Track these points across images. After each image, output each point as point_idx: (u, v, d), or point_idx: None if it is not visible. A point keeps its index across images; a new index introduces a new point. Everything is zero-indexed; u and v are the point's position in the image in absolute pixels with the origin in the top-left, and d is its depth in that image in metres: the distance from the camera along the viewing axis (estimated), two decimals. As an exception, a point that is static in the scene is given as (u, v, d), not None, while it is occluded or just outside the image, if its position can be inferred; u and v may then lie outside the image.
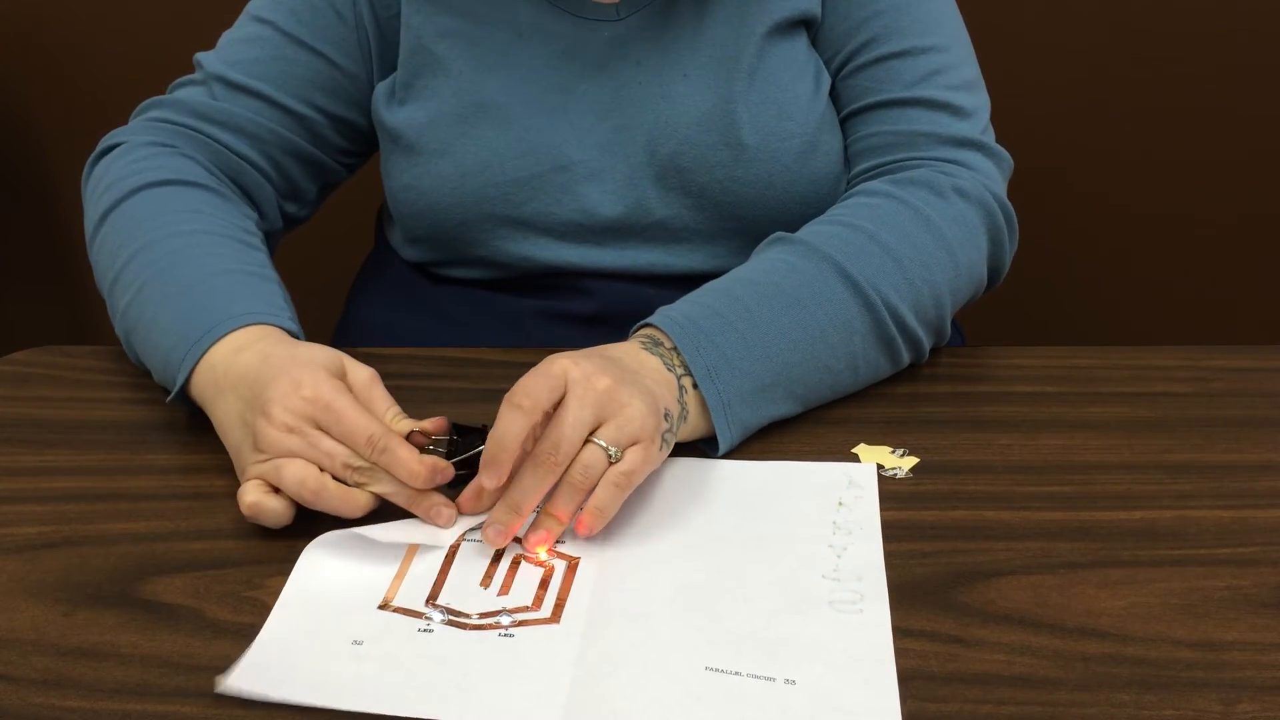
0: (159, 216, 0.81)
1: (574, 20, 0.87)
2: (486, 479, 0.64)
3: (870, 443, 0.73)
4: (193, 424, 0.76)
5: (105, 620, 0.59)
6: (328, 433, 0.65)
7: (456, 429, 0.68)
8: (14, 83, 1.62)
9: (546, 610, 0.60)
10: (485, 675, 0.56)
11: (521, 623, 0.60)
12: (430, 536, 0.65)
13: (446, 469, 0.65)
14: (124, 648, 0.58)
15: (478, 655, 0.57)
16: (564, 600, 0.61)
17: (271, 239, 0.91)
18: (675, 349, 0.73)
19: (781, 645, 0.58)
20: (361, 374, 0.69)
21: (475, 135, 0.87)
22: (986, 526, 0.66)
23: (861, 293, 0.76)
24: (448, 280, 0.94)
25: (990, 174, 0.86)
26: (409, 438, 0.66)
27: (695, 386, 0.72)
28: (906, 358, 0.80)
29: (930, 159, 0.85)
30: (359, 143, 0.94)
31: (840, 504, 0.68)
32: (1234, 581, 0.61)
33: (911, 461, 0.72)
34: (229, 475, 0.71)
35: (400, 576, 0.63)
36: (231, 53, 0.89)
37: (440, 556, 0.65)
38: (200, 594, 0.61)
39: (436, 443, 0.67)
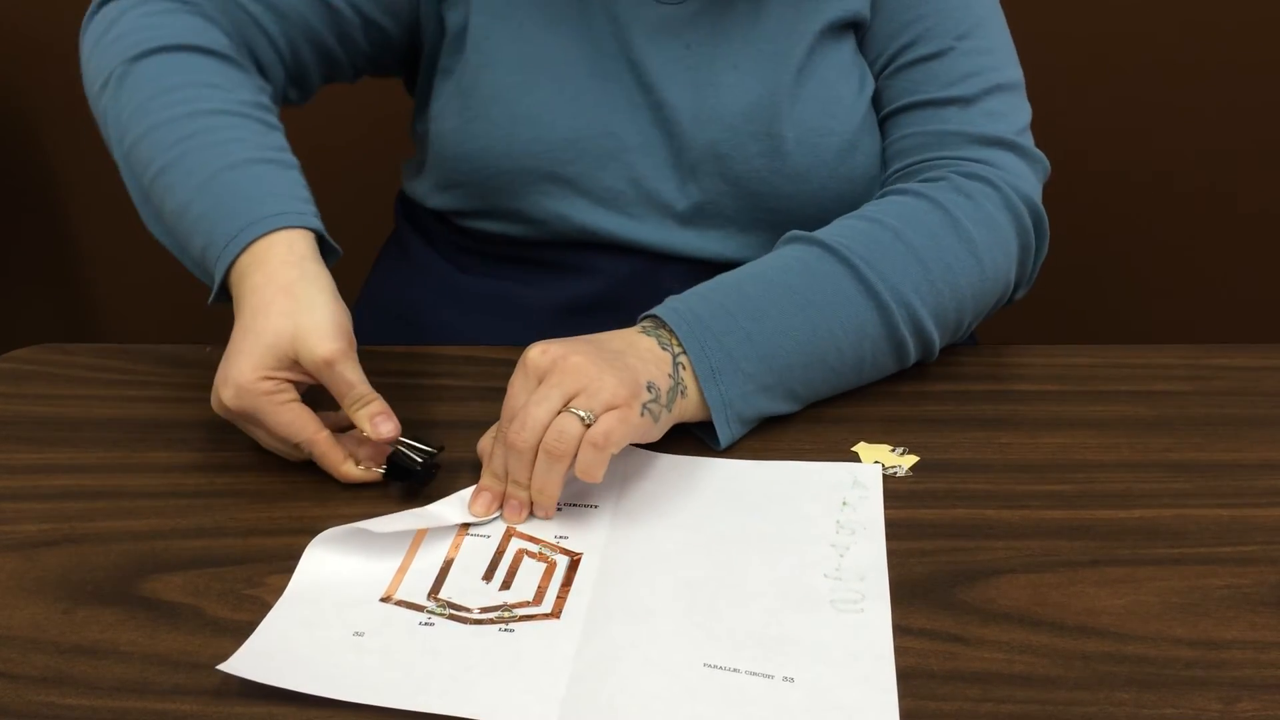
0: (175, 90, 0.79)
1: None
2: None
3: (870, 441, 0.73)
4: (192, 422, 0.76)
5: (105, 618, 0.59)
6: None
7: (406, 447, 0.69)
8: (14, 83, 1.62)
9: (548, 606, 0.61)
10: (484, 669, 0.56)
11: (522, 618, 0.60)
12: (435, 522, 0.66)
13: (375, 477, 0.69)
14: (124, 645, 0.58)
15: (478, 649, 0.58)
16: (565, 596, 0.61)
17: None
18: (676, 338, 0.73)
19: (781, 643, 0.58)
20: (316, 355, 0.68)
21: (532, 87, 0.86)
22: (986, 525, 0.66)
23: (877, 296, 0.76)
24: (472, 234, 0.94)
25: (1022, 174, 0.84)
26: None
27: (694, 366, 0.72)
28: (915, 358, 0.79)
29: (959, 158, 0.84)
30: (379, 50, 0.92)
31: (844, 504, 0.68)
32: (1233, 580, 0.61)
33: (911, 460, 0.72)
34: (229, 473, 0.71)
35: (403, 570, 0.63)
36: None
37: (443, 552, 0.65)
38: (200, 592, 0.61)
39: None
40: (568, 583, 0.62)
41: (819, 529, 0.66)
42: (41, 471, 0.72)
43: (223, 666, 0.55)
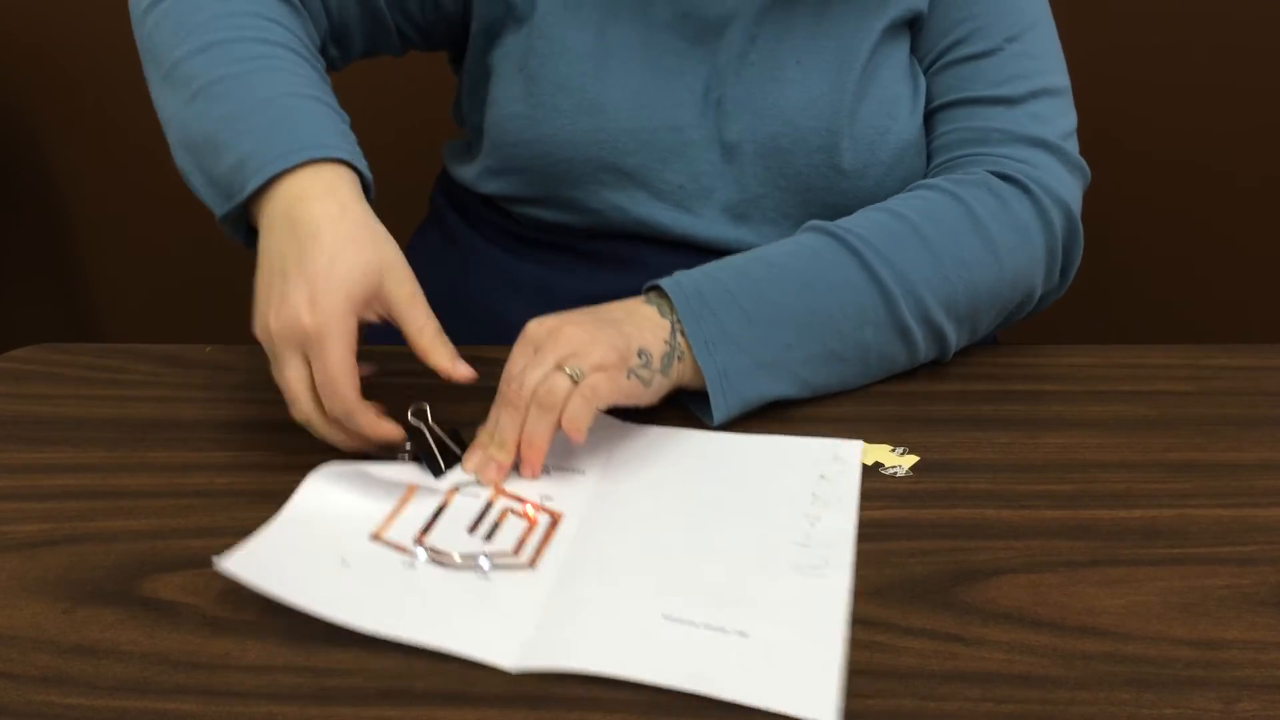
0: (241, 16, 0.77)
1: None
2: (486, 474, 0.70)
3: (870, 441, 0.73)
4: (192, 422, 0.76)
5: (105, 618, 0.59)
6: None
7: (438, 442, 0.71)
8: (14, 83, 1.62)
9: (525, 558, 0.64)
10: (457, 608, 0.60)
11: (499, 566, 0.63)
12: (429, 481, 0.70)
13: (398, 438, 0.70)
14: (124, 645, 0.58)
15: (454, 590, 0.61)
16: (543, 550, 0.64)
17: None
18: (674, 309, 0.74)
19: (739, 601, 0.60)
20: (404, 289, 0.70)
21: (599, 77, 0.86)
22: (986, 525, 0.66)
23: (880, 281, 0.76)
24: (522, 220, 0.94)
25: (1061, 179, 0.83)
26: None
27: (689, 337, 0.74)
28: (927, 351, 0.79)
29: (1000, 156, 0.84)
30: (430, 17, 0.91)
31: (822, 477, 0.70)
32: (1234, 580, 0.61)
33: (911, 460, 0.72)
34: (228, 473, 0.71)
35: (394, 515, 0.66)
36: None
37: (435, 504, 0.67)
38: (200, 591, 0.61)
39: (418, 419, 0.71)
40: (547, 539, 0.65)
41: (794, 499, 0.68)
42: (41, 471, 0.72)
43: (219, 563, 0.59)
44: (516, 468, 0.70)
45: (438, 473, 0.69)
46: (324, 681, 0.55)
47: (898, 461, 0.72)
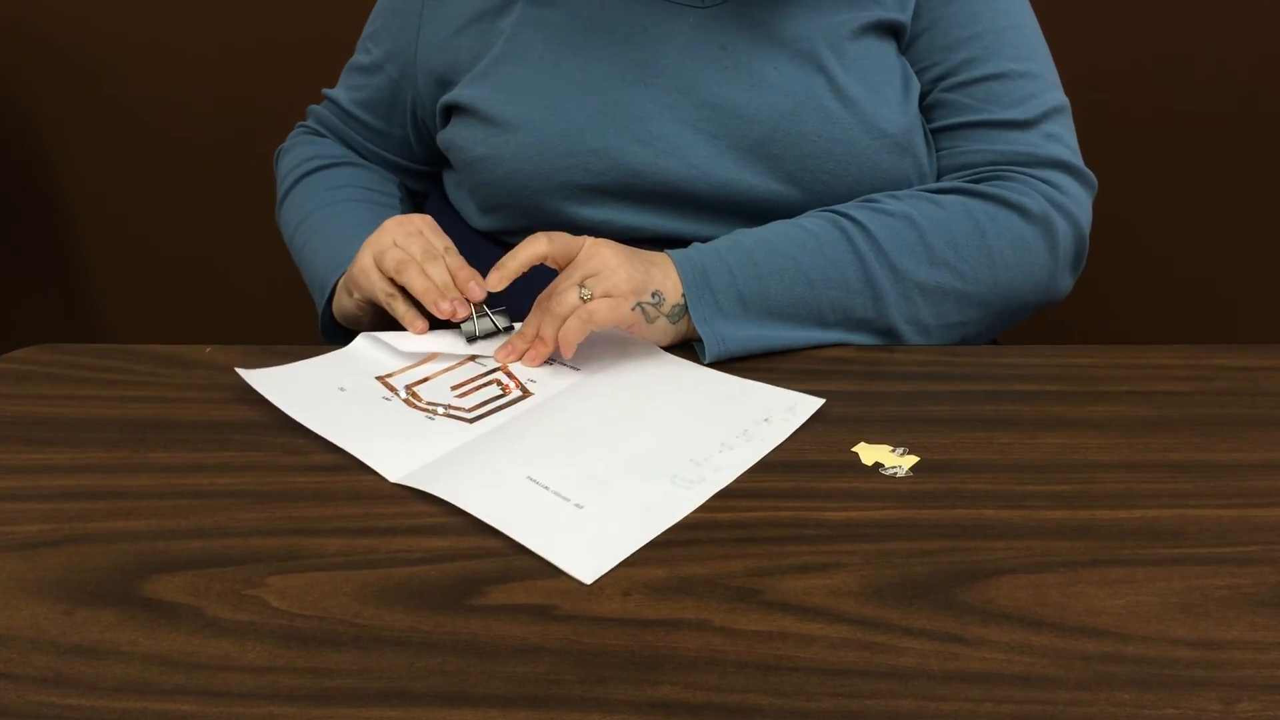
0: (320, 193, 1.02)
1: (659, 4, 0.90)
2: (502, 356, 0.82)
3: (870, 441, 0.73)
4: (192, 422, 0.76)
5: (105, 618, 0.59)
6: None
7: (493, 308, 0.84)
8: (15, 82, 1.62)
9: (471, 414, 0.74)
10: (390, 432, 0.72)
11: (449, 415, 0.74)
12: (455, 348, 0.82)
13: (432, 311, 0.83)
14: (124, 646, 0.58)
15: (401, 421, 0.73)
16: (494, 414, 0.74)
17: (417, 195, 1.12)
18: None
19: (597, 486, 0.66)
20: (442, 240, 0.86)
21: (556, 106, 0.89)
22: (986, 525, 0.66)
23: (875, 284, 0.82)
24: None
25: (1079, 199, 0.90)
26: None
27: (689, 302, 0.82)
28: (888, 285, 0.83)
29: (1022, 177, 0.88)
30: (426, 139, 1.05)
31: (766, 420, 0.73)
32: (1234, 580, 0.61)
33: (912, 460, 0.72)
34: (229, 474, 0.71)
35: (407, 368, 0.80)
36: (343, 79, 1.09)
37: (447, 363, 0.80)
38: (200, 592, 0.61)
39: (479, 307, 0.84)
40: (503, 406, 0.75)
41: (725, 428, 0.72)
42: (41, 471, 0.72)
43: (241, 371, 0.78)
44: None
45: (471, 337, 0.82)
46: (324, 682, 0.55)
47: (898, 461, 0.72)
